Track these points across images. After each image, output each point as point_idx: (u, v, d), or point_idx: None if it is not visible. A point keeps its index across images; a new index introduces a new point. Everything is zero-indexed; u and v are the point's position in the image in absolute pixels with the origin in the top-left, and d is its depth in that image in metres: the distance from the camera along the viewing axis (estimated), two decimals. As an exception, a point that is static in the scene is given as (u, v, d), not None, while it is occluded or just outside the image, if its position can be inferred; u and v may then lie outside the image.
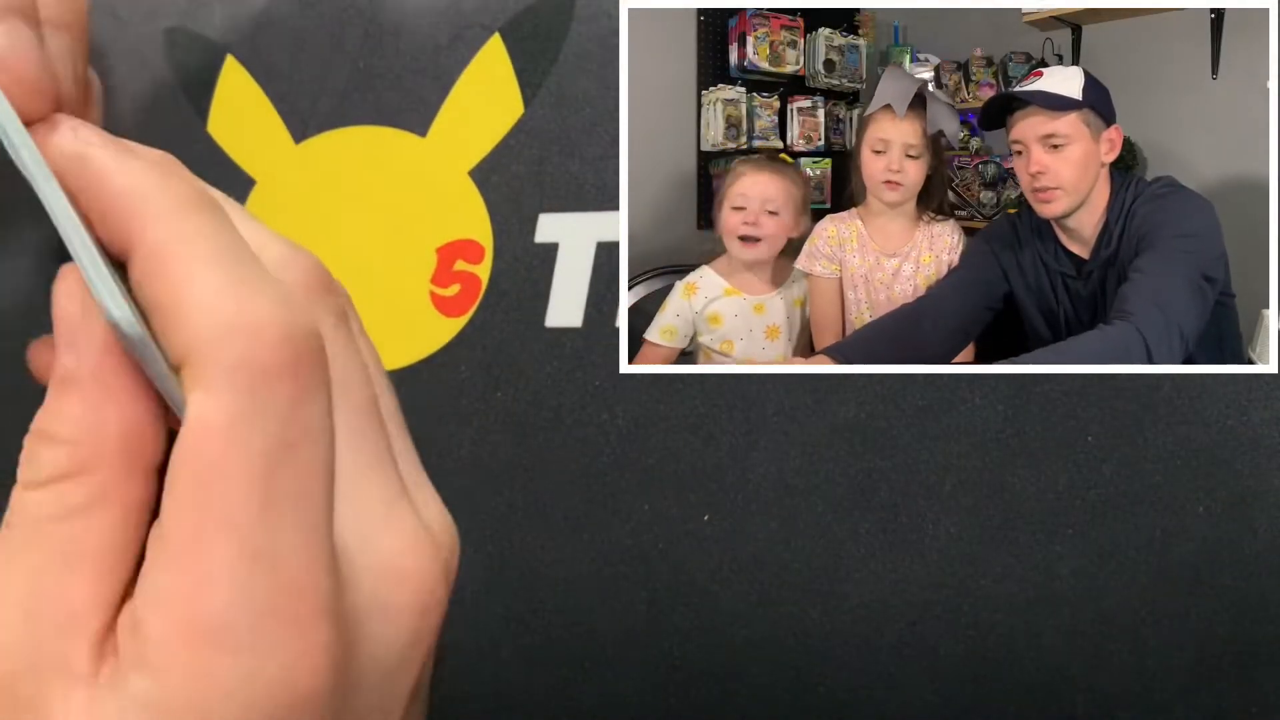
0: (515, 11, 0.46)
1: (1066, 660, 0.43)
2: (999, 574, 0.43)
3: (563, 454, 0.45)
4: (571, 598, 0.47)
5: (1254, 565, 0.41)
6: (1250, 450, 0.42)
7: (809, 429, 0.45)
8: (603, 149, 0.45)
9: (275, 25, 0.48)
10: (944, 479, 0.44)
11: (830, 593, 0.44)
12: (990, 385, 0.43)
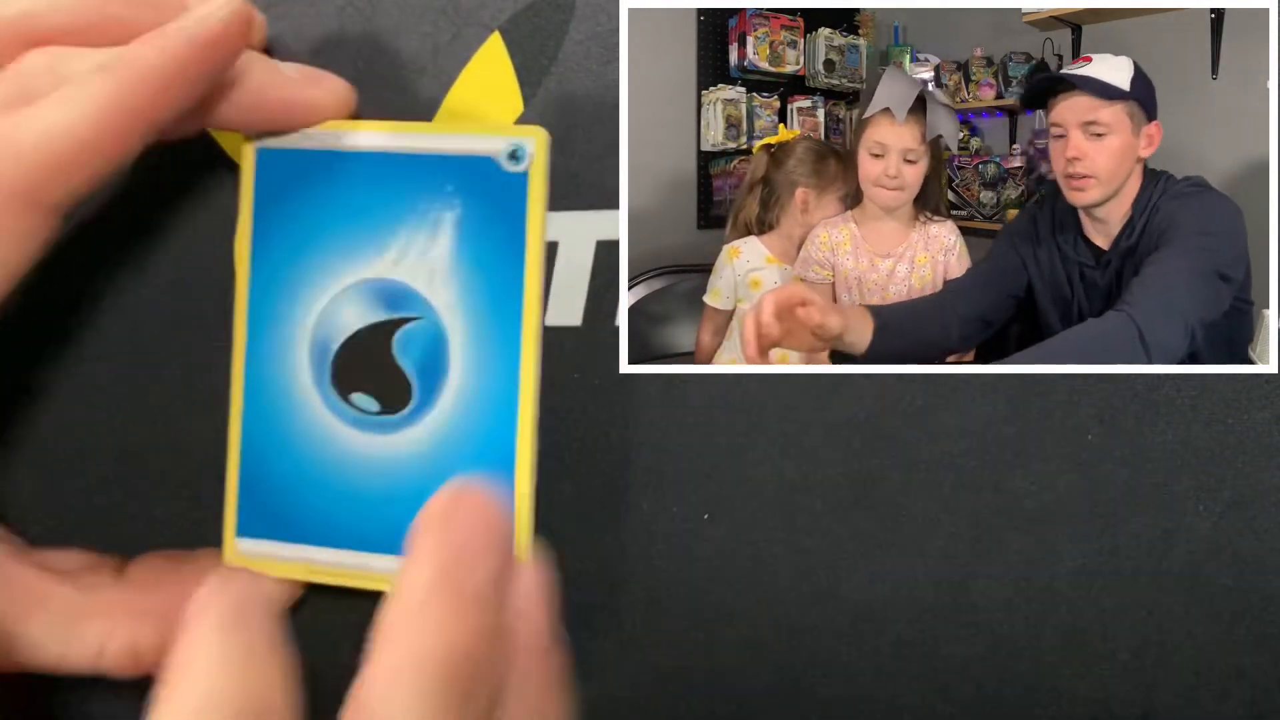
0: (515, 10, 0.46)
1: (1066, 660, 0.43)
2: (999, 574, 0.43)
3: (562, 453, 0.45)
4: (570, 597, 0.47)
5: (1255, 565, 0.41)
6: (1251, 450, 0.42)
7: (808, 428, 0.45)
8: (603, 148, 0.45)
9: (274, 24, 0.48)
10: (944, 478, 0.44)
11: (829, 592, 0.44)
12: (990, 384, 0.43)
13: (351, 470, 0.36)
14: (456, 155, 0.34)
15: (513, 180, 0.31)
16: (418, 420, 0.37)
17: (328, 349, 0.36)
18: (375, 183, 0.35)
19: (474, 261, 0.32)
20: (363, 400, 0.35)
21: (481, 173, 0.32)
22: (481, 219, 0.31)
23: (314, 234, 0.37)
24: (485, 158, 0.32)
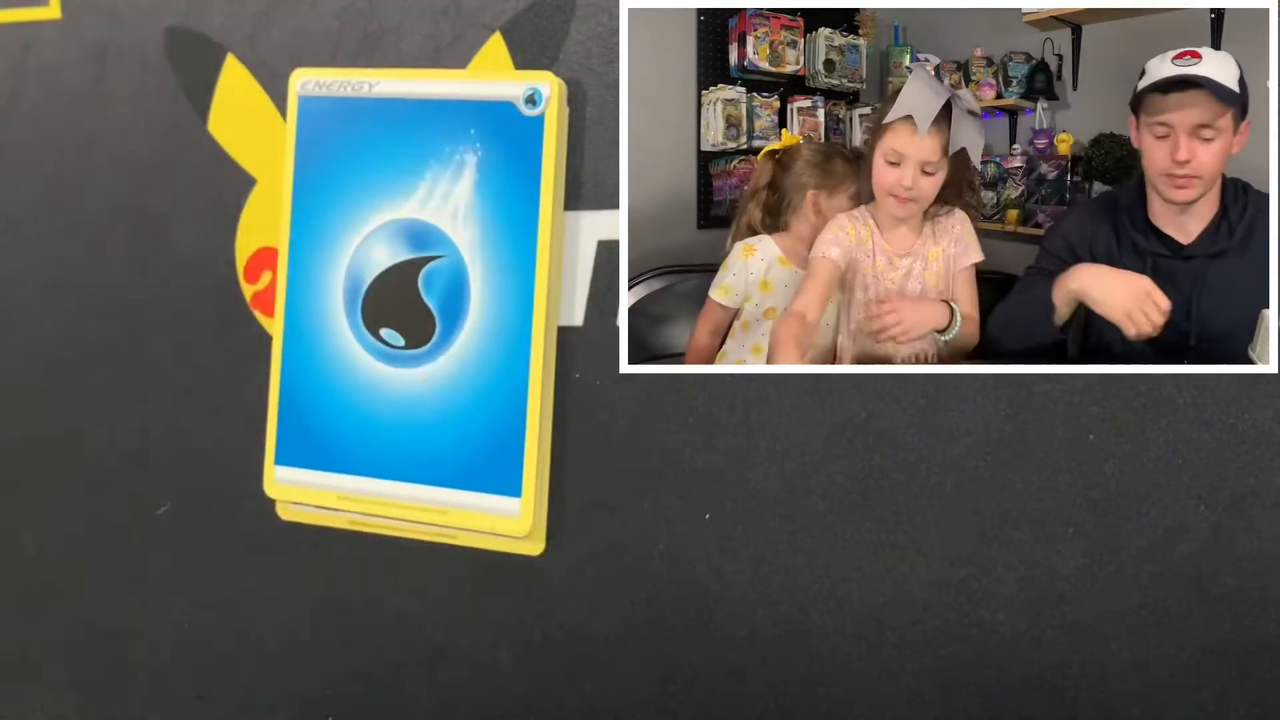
0: (516, 11, 0.46)
1: (1068, 658, 0.43)
2: (1000, 572, 0.43)
3: (563, 452, 0.45)
4: (572, 596, 0.47)
5: (1255, 563, 0.41)
6: (1251, 449, 0.42)
7: (810, 428, 0.45)
8: (604, 147, 0.45)
9: (276, 25, 0.48)
10: (945, 478, 0.44)
11: (831, 592, 0.45)
12: (991, 385, 0.43)
13: (378, 403, 0.39)
14: (478, 100, 0.36)
15: (530, 124, 0.33)
16: (439, 355, 0.40)
17: (359, 286, 0.39)
18: (403, 128, 0.38)
19: (494, 202, 0.34)
20: (390, 335, 0.38)
21: (502, 117, 0.35)
22: (501, 161, 0.34)
23: (348, 177, 0.40)
24: (505, 102, 0.35)
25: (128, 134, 0.50)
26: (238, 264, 0.48)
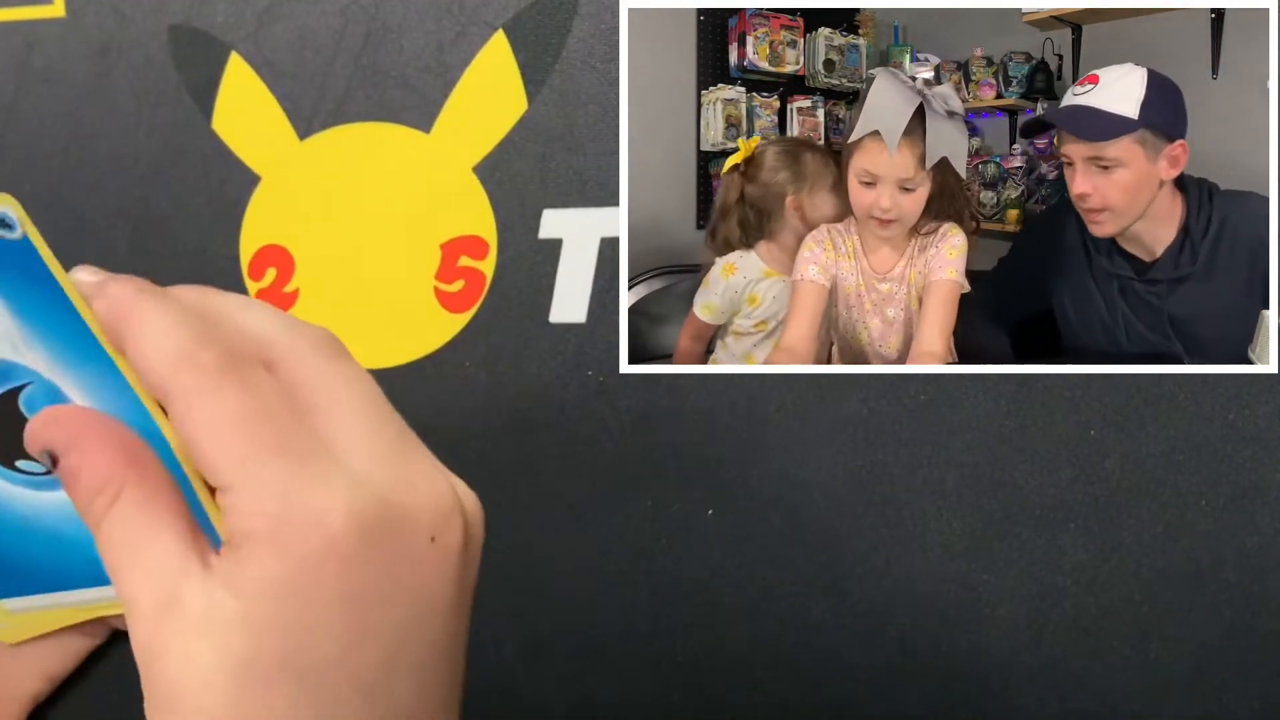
0: (518, 8, 0.46)
1: (1069, 655, 0.43)
2: (1002, 569, 0.43)
3: (566, 450, 0.45)
4: (574, 594, 0.47)
5: (1256, 560, 0.42)
6: (1252, 445, 0.42)
7: (811, 425, 0.45)
8: (606, 145, 0.45)
9: (279, 22, 0.48)
10: (946, 475, 0.44)
11: (833, 588, 0.45)
12: (992, 382, 0.44)
13: (55, 520, 0.37)
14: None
15: (18, 246, 0.31)
16: None
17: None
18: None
19: (38, 323, 0.33)
20: (27, 465, 0.36)
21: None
22: (19, 287, 0.32)
23: None
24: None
25: (131, 132, 0.50)
26: (242, 261, 0.48)
